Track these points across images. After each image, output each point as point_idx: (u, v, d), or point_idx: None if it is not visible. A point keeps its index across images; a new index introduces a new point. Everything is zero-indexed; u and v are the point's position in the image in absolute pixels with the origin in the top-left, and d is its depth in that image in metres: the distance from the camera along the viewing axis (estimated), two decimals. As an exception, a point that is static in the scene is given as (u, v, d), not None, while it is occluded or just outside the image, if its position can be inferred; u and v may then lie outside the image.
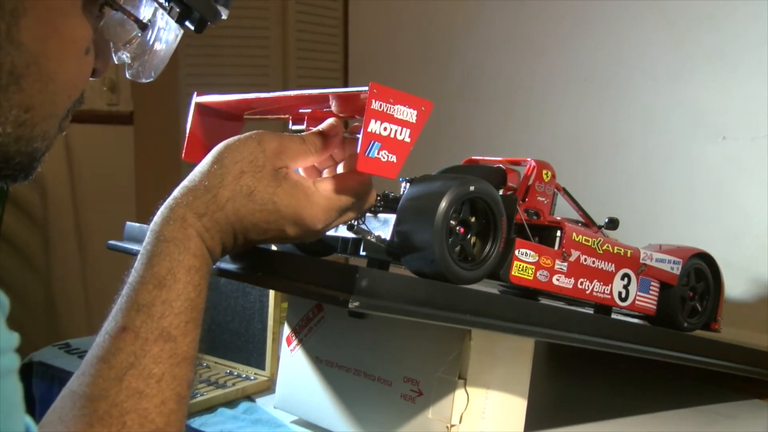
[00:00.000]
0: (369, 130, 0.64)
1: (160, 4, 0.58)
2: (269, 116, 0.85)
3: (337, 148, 0.72)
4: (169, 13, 0.58)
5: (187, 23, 0.59)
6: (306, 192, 0.64)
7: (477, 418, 0.82)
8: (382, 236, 0.76)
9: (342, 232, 0.80)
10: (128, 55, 0.61)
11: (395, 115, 0.66)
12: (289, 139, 0.67)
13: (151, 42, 0.60)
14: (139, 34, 0.59)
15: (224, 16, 0.61)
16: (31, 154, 0.53)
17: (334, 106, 0.73)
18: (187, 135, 0.84)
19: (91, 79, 0.57)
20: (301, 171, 0.72)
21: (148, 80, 0.64)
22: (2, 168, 0.52)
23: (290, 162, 0.65)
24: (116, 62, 0.62)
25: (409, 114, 0.67)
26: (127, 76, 0.64)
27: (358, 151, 0.64)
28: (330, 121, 0.71)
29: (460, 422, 0.80)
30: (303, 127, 0.77)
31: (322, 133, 0.70)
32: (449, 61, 2.15)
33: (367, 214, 0.80)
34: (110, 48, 0.59)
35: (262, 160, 0.63)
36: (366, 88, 0.64)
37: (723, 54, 1.55)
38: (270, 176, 0.63)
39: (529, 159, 0.92)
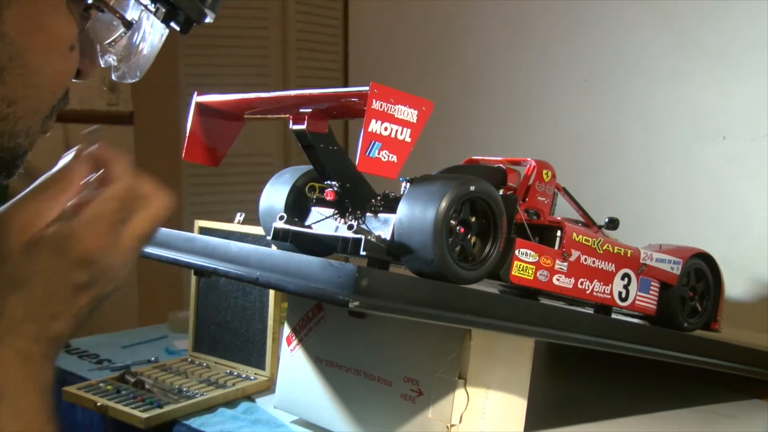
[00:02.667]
0: (369, 129, 0.64)
1: (146, 7, 0.57)
2: (269, 116, 0.85)
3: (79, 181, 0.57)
4: (155, 14, 0.58)
5: (173, 24, 0.59)
6: (64, 235, 0.53)
7: (477, 418, 0.82)
8: (382, 236, 0.76)
9: (342, 232, 0.80)
10: (114, 58, 0.61)
11: (396, 115, 0.66)
12: (20, 208, 0.55)
13: (136, 43, 0.60)
14: (125, 33, 0.59)
15: (210, 20, 0.60)
16: (13, 149, 0.52)
17: (334, 106, 0.73)
18: (187, 135, 0.84)
19: (76, 80, 0.56)
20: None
21: (134, 80, 0.63)
22: None
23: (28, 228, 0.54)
24: (102, 65, 0.61)
25: (409, 114, 0.67)
26: (114, 78, 0.63)
27: (359, 151, 0.64)
28: (66, 162, 0.57)
29: (460, 422, 0.80)
30: (303, 126, 0.77)
31: (59, 177, 0.56)
32: (449, 61, 2.15)
33: (367, 214, 0.81)
34: (96, 49, 0.59)
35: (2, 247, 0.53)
36: (366, 88, 0.64)
37: (723, 54, 1.55)
38: (18, 257, 0.52)
39: (529, 159, 0.92)
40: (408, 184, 0.79)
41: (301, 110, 0.78)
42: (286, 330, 0.98)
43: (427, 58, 2.21)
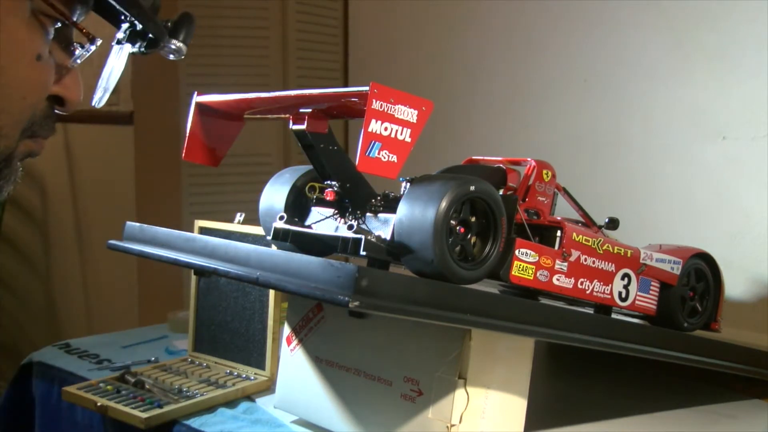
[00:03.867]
0: (369, 130, 0.64)
1: (118, 41, 0.58)
2: (269, 116, 0.85)
3: None
4: (124, 41, 0.58)
5: (138, 47, 0.59)
6: None
7: (477, 418, 0.82)
8: (382, 236, 0.76)
9: (342, 232, 0.80)
10: (105, 89, 0.61)
11: (396, 115, 0.66)
12: None
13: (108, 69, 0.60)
14: (91, 48, 0.59)
15: (182, 50, 0.60)
16: None
17: (334, 106, 0.73)
18: (187, 135, 0.84)
19: (62, 112, 0.57)
20: None
21: (100, 104, 0.64)
22: None
23: None
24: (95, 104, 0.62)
25: (409, 114, 0.67)
26: (92, 103, 0.63)
27: (359, 151, 0.64)
28: None
29: (460, 422, 0.80)
30: (303, 126, 0.77)
31: None
32: (449, 61, 2.15)
33: (367, 214, 0.81)
34: (79, 82, 0.59)
35: None
36: (366, 88, 0.64)
37: (723, 54, 1.55)
38: None
39: (529, 159, 0.92)
40: (408, 184, 0.79)
41: (301, 110, 0.78)
42: (286, 330, 0.98)
43: (427, 59, 2.21)
